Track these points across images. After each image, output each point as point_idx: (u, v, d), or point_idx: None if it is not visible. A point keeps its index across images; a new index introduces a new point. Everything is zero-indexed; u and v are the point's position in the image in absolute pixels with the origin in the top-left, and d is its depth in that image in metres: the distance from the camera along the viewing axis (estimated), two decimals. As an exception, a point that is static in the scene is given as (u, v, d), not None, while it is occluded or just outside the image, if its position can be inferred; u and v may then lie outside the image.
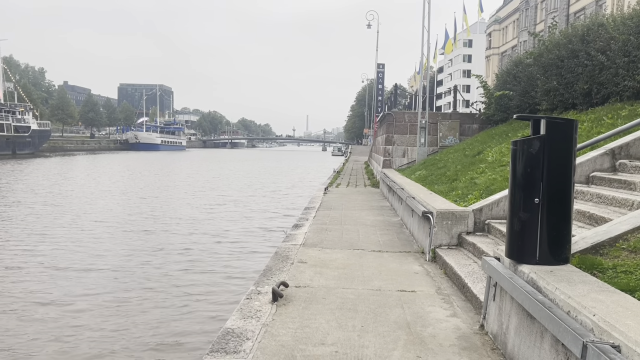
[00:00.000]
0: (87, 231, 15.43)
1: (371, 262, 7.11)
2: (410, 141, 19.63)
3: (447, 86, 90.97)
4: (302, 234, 9.13)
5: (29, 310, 8.56)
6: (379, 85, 64.22)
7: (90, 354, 6.91)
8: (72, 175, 38.77)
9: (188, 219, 18.55)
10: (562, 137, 3.83)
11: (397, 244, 8.59)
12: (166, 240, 14.94)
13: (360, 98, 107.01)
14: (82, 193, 26.42)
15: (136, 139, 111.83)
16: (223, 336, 4.27)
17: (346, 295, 5.54)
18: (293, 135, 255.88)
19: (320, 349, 4.09)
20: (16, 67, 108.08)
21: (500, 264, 4.28)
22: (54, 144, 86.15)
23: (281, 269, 6.53)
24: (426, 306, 5.27)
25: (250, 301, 5.20)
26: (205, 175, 42.54)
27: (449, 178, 11.27)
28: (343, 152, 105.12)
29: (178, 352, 7.01)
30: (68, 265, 11.40)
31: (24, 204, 21.12)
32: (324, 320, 4.74)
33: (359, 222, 10.78)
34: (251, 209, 21.70)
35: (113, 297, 9.31)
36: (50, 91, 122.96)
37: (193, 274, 10.93)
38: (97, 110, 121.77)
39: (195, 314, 8.52)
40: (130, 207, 21.63)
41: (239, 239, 15.03)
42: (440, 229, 7.40)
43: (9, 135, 67.38)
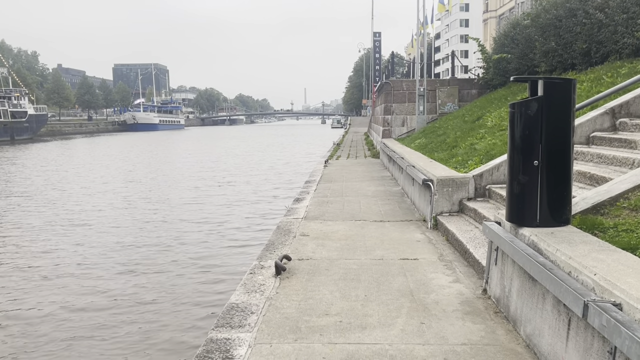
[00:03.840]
0: (101, 212, 15.51)
1: (373, 232, 7.12)
2: (409, 110, 19.47)
3: (445, 52, 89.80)
4: (304, 207, 9.14)
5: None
6: (376, 55, 63.48)
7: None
8: (75, 158, 38.73)
9: (190, 198, 18.58)
10: (560, 97, 3.78)
11: (399, 213, 8.60)
12: (170, 220, 15.01)
13: (358, 68, 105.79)
14: (89, 177, 26.42)
15: (134, 120, 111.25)
16: (228, 311, 4.31)
17: (349, 265, 5.57)
18: (291, 109, 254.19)
19: (325, 320, 4.12)
20: (9, 51, 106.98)
21: (501, 228, 4.28)
22: (51, 128, 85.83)
23: (284, 243, 6.56)
24: (429, 273, 5.30)
25: (254, 276, 5.23)
26: (206, 154, 42.47)
27: (449, 145, 11.21)
28: (343, 124, 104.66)
29: (185, 330, 7.09)
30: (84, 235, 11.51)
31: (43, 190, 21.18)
32: (328, 291, 4.77)
33: (360, 193, 10.78)
34: (252, 185, 21.70)
35: (123, 268, 9.43)
36: (44, 75, 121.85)
37: (197, 251, 10.99)
38: (93, 92, 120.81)
39: (200, 290, 8.59)
40: (139, 185, 21.66)
41: (241, 215, 15.07)
42: (441, 196, 7.40)
43: (6, 121, 67.10)
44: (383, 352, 3.57)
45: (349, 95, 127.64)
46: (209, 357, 3.49)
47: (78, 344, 6.45)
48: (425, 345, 3.67)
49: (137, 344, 6.54)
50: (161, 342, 6.58)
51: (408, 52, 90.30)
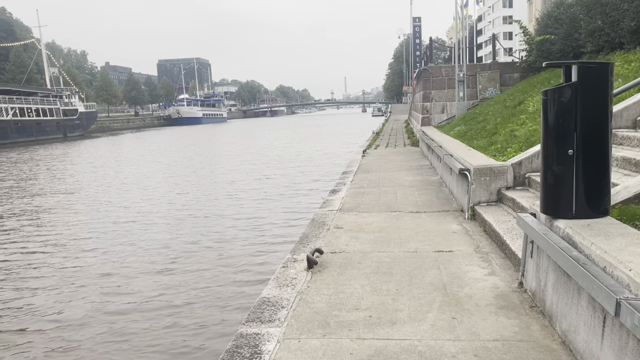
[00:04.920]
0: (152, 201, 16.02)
1: (408, 224, 7.03)
2: (449, 96, 19.06)
3: (487, 35, 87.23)
4: (339, 199, 9.12)
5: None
6: (416, 40, 62.39)
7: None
8: (121, 154, 40.05)
9: (228, 191, 18.88)
10: (596, 82, 3.59)
11: (436, 203, 8.45)
12: (212, 205, 15.33)
13: (398, 55, 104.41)
14: (133, 172, 27.26)
15: (178, 114, 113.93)
16: (259, 305, 4.36)
17: (381, 258, 5.52)
18: (332, 99, 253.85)
19: (354, 314, 4.10)
20: (59, 51, 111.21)
21: (535, 220, 4.13)
22: (101, 125, 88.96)
23: (317, 236, 6.56)
24: (463, 266, 5.18)
25: (286, 269, 5.27)
26: (247, 147, 43.02)
27: (489, 132, 10.92)
28: (383, 112, 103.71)
29: (218, 321, 7.22)
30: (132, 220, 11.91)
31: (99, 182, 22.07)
32: (359, 285, 4.74)
33: (397, 183, 10.66)
34: (290, 177, 21.83)
35: (159, 265, 9.66)
36: (93, 73, 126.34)
37: (233, 242, 11.15)
38: (139, 88, 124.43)
39: (235, 283, 8.73)
40: (179, 180, 22.21)
41: (278, 208, 15.18)
42: (479, 186, 7.22)
43: (58, 119, 69.91)
44: (412, 348, 3.52)
45: (389, 82, 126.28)
46: (238, 352, 3.54)
47: (116, 340, 6.61)
48: (455, 341, 3.59)
49: (169, 337, 6.69)
50: (194, 335, 6.72)
51: (450, 36, 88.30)
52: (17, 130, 60.43)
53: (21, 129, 61.36)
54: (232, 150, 38.41)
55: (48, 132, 66.75)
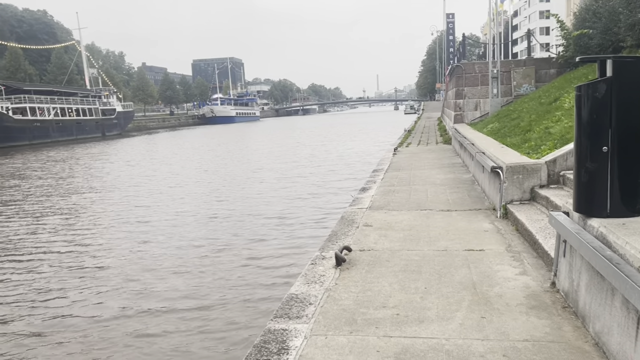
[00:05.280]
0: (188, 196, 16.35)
1: (438, 222, 6.96)
2: (482, 93, 18.73)
3: (523, 30, 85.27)
4: (369, 196, 9.10)
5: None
6: (450, 37, 61.55)
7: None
8: (155, 153, 40.92)
9: (260, 190, 19.06)
10: (632, 77, 3.48)
11: (467, 201, 8.34)
12: (242, 204, 15.50)
13: (431, 52, 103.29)
14: (167, 170, 27.82)
15: (212, 113, 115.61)
16: (287, 302, 4.40)
17: (410, 257, 5.48)
18: (364, 97, 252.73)
19: (382, 312, 4.10)
20: (98, 53, 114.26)
21: (568, 218, 4.03)
22: (137, 124, 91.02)
23: (346, 233, 6.57)
24: (494, 265, 5.11)
25: (315, 266, 5.30)
26: (278, 146, 43.30)
27: (522, 129, 10.68)
28: (416, 110, 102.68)
29: (249, 313, 7.31)
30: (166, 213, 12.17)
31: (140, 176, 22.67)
32: (387, 283, 4.73)
33: (428, 181, 10.56)
34: (320, 176, 21.87)
35: (188, 262, 9.82)
36: (130, 73, 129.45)
37: (263, 241, 11.22)
38: (174, 88, 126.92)
39: (264, 281, 8.80)
40: (211, 178, 22.57)
41: (307, 207, 15.23)
42: (511, 184, 7.08)
43: (97, 118, 71.96)
44: (439, 346, 3.49)
45: (422, 79, 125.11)
46: (266, 348, 3.58)
47: (146, 338, 6.67)
48: (484, 340, 3.55)
49: (199, 334, 6.78)
50: (222, 332, 6.79)
51: (484, 32, 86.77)
52: (58, 129, 62.48)
53: (62, 129, 63.40)
54: (263, 149, 38.74)
55: (87, 131, 68.79)
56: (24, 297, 8.47)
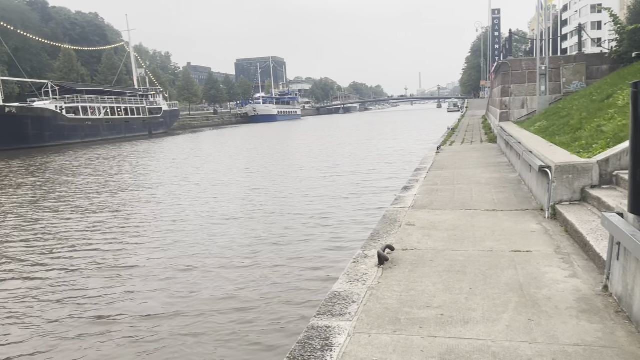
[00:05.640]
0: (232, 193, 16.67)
1: (483, 222, 6.84)
2: (530, 90, 18.21)
3: (573, 25, 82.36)
4: (412, 195, 9.01)
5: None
6: (495, 33, 60.23)
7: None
8: (198, 151, 41.80)
9: (300, 189, 19.16)
10: (694, 73, 3.32)
11: (514, 202, 8.14)
12: (283, 202, 15.63)
13: (476, 49, 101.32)
14: (208, 169, 28.39)
15: (255, 112, 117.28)
16: (330, 299, 4.42)
17: (455, 257, 5.41)
18: (405, 95, 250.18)
19: (426, 312, 4.06)
20: (145, 53, 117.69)
21: (622, 220, 3.89)
22: (182, 122, 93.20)
23: (389, 232, 6.54)
24: (542, 267, 4.98)
25: (357, 265, 5.30)
26: (319, 144, 43.41)
27: (572, 127, 10.33)
28: (459, 108, 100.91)
29: (291, 311, 7.36)
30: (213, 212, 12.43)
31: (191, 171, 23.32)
32: (431, 283, 4.69)
33: (473, 180, 10.37)
34: (363, 172, 21.79)
35: (228, 261, 9.94)
36: (176, 73, 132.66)
37: (304, 240, 11.23)
38: (217, 87, 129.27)
39: (306, 275, 8.84)
40: (251, 177, 22.88)
41: (350, 202, 15.21)
42: (560, 184, 6.87)
43: (144, 117, 74.10)
44: (485, 348, 3.44)
45: (466, 77, 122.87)
46: (309, 344, 3.62)
47: (190, 334, 6.74)
48: (532, 343, 3.47)
49: (242, 331, 6.84)
50: (264, 330, 6.84)
51: (531, 28, 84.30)
52: (108, 128, 64.74)
53: (112, 127, 65.65)
54: (304, 148, 38.91)
55: (135, 129, 70.97)
56: (70, 292, 8.68)
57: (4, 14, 70.29)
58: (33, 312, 7.84)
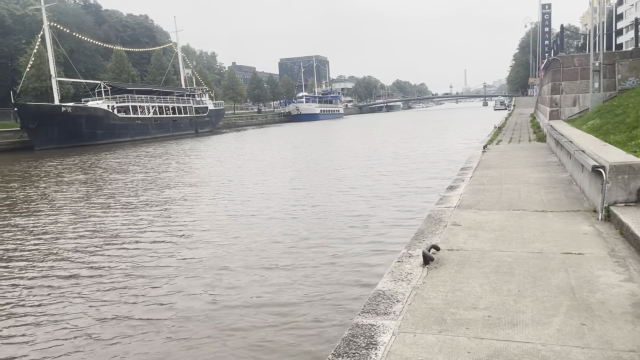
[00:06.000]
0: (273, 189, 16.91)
1: (532, 223, 6.65)
2: (582, 87, 17.54)
3: (629, 19, 78.77)
4: (457, 195, 8.87)
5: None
6: (545, 29, 58.41)
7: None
8: (242, 149, 42.45)
9: (341, 185, 19.16)
10: None
11: (564, 202, 7.88)
12: (324, 201, 15.66)
13: (524, 45, 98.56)
14: (250, 167, 28.80)
15: (297, 111, 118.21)
16: (374, 298, 4.41)
17: (502, 258, 5.29)
18: (450, 93, 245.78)
19: (472, 313, 4.00)
20: (192, 54, 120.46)
21: (683, 223, 3.70)
22: (227, 121, 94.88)
23: (434, 232, 6.46)
24: (595, 270, 4.80)
25: (402, 264, 5.26)
26: (360, 143, 43.27)
27: (628, 126, 9.89)
28: (506, 106, 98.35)
29: (333, 311, 7.37)
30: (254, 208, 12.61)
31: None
32: (477, 284, 4.61)
33: (521, 180, 10.10)
34: (406, 172, 21.58)
35: (268, 261, 10.02)
36: (221, 73, 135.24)
37: (346, 239, 11.22)
38: (261, 86, 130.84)
39: (348, 275, 8.82)
40: (293, 176, 23.07)
41: (392, 202, 15.09)
42: (615, 184, 6.60)
43: (191, 116, 75.91)
44: (534, 352, 3.36)
45: (513, 74, 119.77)
46: (354, 342, 3.63)
47: (229, 334, 6.77)
48: (584, 348, 3.36)
49: (285, 329, 6.88)
50: (307, 328, 6.86)
51: (584, 23, 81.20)
52: (156, 126, 66.69)
53: (160, 126, 67.58)
54: (345, 147, 38.87)
55: (182, 128, 72.83)
56: (116, 285, 8.96)
57: (60, 17, 73.46)
58: (78, 308, 8.06)
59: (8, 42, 69.27)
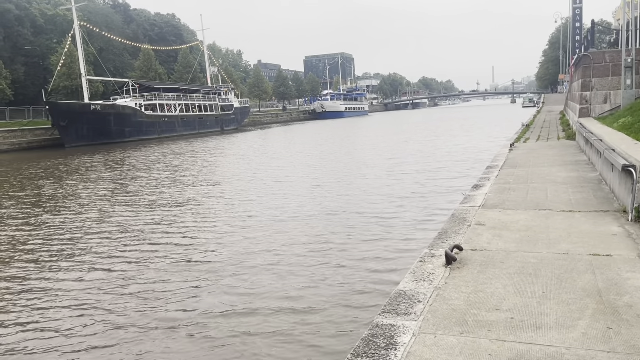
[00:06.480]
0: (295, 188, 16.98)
1: (559, 224, 6.51)
2: (613, 84, 17.07)
3: (665, 13, 76.21)
4: (482, 194, 8.74)
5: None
6: (576, 24, 56.96)
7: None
8: (266, 147, 42.65)
9: (363, 183, 19.08)
10: None
11: (593, 202, 7.70)
12: (346, 201, 15.61)
13: (554, 41, 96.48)
14: (273, 164, 28.91)
15: (322, 109, 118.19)
16: (395, 298, 4.39)
17: (527, 259, 5.20)
18: (477, 90, 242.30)
19: (495, 315, 3.94)
20: (218, 52, 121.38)
21: None
22: (253, 119, 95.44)
23: (457, 232, 6.39)
24: (624, 272, 4.68)
25: (424, 264, 5.22)
26: (384, 141, 43.04)
27: (662, 124, 9.61)
28: (535, 103, 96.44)
29: (352, 309, 7.35)
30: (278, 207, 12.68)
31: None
32: (501, 286, 4.54)
33: (548, 179, 9.90)
34: (430, 171, 21.38)
35: (294, 256, 10.03)
36: (247, 71, 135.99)
37: (368, 239, 11.13)
38: (287, 84, 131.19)
39: (370, 274, 8.78)
40: (314, 174, 23.09)
41: (415, 201, 14.97)
42: (646, 185, 6.41)
43: (217, 114, 76.60)
44: (558, 355, 3.29)
45: (543, 71, 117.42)
46: (374, 342, 3.61)
47: (245, 337, 6.74)
48: (610, 353, 3.28)
49: (304, 329, 6.84)
50: (327, 329, 6.83)
51: (617, 18, 79.02)
52: (183, 124, 67.53)
53: (186, 124, 68.41)
54: (369, 144, 38.70)
55: (208, 126, 73.55)
56: (136, 287, 8.98)
57: (90, 17, 74.99)
58: (100, 304, 8.21)
59: (40, 41, 71.09)
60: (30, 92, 67.45)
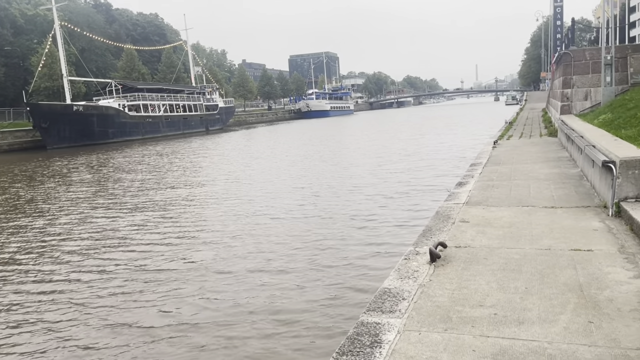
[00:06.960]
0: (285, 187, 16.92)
1: (541, 220, 6.59)
2: (593, 82, 17.32)
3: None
4: (466, 192, 8.81)
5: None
6: (557, 22, 57.58)
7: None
8: (249, 148, 42.50)
9: (349, 183, 19.12)
10: None
11: (574, 198, 7.80)
12: (331, 200, 15.62)
13: (536, 39, 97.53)
14: (255, 167, 28.82)
15: (308, 108, 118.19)
16: (380, 296, 4.40)
17: (510, 255, 5.25)
18: (461, 88, 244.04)
19: (478, 311, 3.98)
20: (202, 51, 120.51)
21: (693, 219, 3.65)
22: (238, 119, 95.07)
23: (441, 229, 6.43)
24: (604, 267, 4.75)
25: (408, 262, 5.24)
26: (369, 140, 43.17)
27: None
28: (518, 100, 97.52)
29: (337, 308, 7.36)
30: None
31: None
32: (484, 282, 4.58)
33: (531, 176, 10.01)
34: (415, 169, 21.50)
35: (278, 257, 10.01)
36: (231, 70, 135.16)
37: (353, 234, 11.20)
38: (272, 83, 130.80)
39: (355, 273, 8.80)
40: (308, 170, 23.07)
41: (399, 201, 15.03)
42: (626, 180, 6.52)
43: (201, 114, 76.15)
44: (540, 350, 3.33)
45: (525, 68, 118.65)
46: (359, 340, 3.62)
47: (230, 340, 6.70)
48: (591, 346, 3.33)
49: (287, 336, 6.78)
50: (312, 328, 6.83)
51: (597, 16, 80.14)
52: (167, 124, 67.02)
53: (170, 124, 67.91)
54: (354, 144, 38.78)
55: (193, 126, 73.08)
56: (115, 289, 8.89)
57: (71, 16, 74.03)
58: (78, 313, 8.04)
59: (20, 42, 69.97)
60: (10, 93, 66.36)
